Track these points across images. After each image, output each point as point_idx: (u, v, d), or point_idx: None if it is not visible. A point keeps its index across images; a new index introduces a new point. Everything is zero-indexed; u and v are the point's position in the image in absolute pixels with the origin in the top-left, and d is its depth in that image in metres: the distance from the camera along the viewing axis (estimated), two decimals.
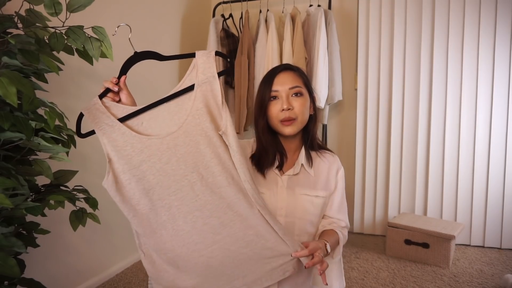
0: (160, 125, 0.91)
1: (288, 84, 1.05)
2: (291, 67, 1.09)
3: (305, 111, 1.06)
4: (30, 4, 1.18)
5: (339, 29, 2.71)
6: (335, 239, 1.05)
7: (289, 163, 1.10)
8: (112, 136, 0.89)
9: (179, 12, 2.73)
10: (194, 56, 0.94)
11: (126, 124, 0.90)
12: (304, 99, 1.06)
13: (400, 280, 2.05)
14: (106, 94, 0.92)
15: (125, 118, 0.90)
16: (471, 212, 2.51)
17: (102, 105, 0.90)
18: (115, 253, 2.18)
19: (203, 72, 0.92)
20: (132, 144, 0.89)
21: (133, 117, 0.91)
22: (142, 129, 0.91)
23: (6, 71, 0.97)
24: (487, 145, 2.45)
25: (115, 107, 0.91)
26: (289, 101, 1.04)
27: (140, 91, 2.18)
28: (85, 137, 0.93)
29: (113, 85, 0.91)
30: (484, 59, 2.41)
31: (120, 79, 0.93)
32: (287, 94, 1.04)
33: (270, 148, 1.07)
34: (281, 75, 1.06)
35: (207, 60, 0.92)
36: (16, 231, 1.22)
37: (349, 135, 2.89)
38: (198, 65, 0.92)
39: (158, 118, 0.91)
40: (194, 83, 0.91)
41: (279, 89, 1.05)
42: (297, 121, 1.05)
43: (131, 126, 0.90)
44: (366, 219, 2.78)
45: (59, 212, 1.36)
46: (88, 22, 1.29)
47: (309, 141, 1.11)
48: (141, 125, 0.91)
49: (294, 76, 1.07)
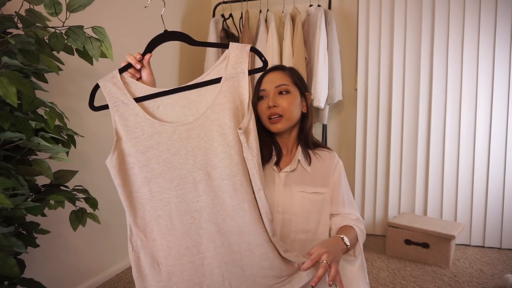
0: (177, 112, 0.86)
1: (275, 82, 1.07)
2: (281, 67, 1.12)
3: (293, 108, 1.07)
4: (30, 4, 1.18)
5: (339, 29, 2.71)
6: (353, 234, 1.00)
7: (286, 160, 1.11)
8: (125, 114, 0.85)
9: (179, 12, 2.73)
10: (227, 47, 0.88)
11: (142, 105, 0.86)
12: (291, 96, 1.07)
13: (400, 280, 2.05)
14: (126, 69, 0.88)
15: (142, 99, 0.86)
16: (471, 212, 2.51)
17: (120, 80, 0.86)
18: (115, 253, 2.18)
19: (234, 66, 0.86)
20: (143, 127, 0.85)
21: (151, 99, 0.86)
22: (157, 113, 0.86)
23: (6, 71, 0.97)
24: (487, 145, 2.45)
25: (133, 85, 0.87)
26: (275, 99, 1.05)
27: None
28: (98, 110, 0.89)
29: (136, 61, 0.87)
30: (484, 59, 2.40)
31: (145, 56, 0.89)
32: (274, 92, 1.06)
33: (265, 145, 1.08)
34: (269, 75, 1.09)
35: (240, 54, 0.87)
36: (16, 231, 1.22)
37: (349, 135, 2.89)
38: (230, 57, 0.87)
39: (176, 104, 0.86)
40: (221, 75, 0.86)
41: (266, 88, 1.07)
42: (284, 118, 1.06)
43: (146, 107, 0.86)
44: (366, 219, 2.77)
45: (59, 212, 1.36)
46: (88, 22, 1.29)
47: (303, 138, 1.12)
48: (157, 108, 0.86)
49: (282, 75, 1.09)
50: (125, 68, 0.88)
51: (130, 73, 0.89)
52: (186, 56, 2.75)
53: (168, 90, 0.86)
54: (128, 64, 0.88)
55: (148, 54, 0.90)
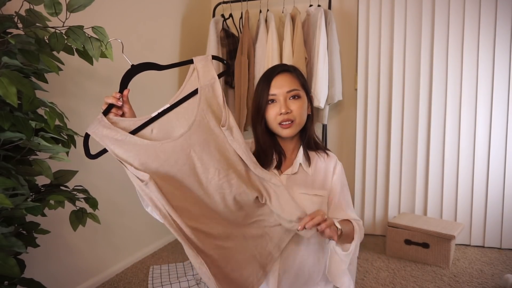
0: (169, 129, 0.94)
1: (285, 87, 1.05)
2: (288, 69, 1.09)
3: (303, 112, 1.07)
4: (30, 4, 1.18)
5: (339, 29, 2.71)
6: (350, 227, 1.02)
7: (287, 162, 1.11)
8: (125, 148, 0.90)
9: (179, 12, 2.73)
10: (192, 62, 0.98)
11: (137, 136, 0.92)
12: (301, 101, 1.06)
13: (400, 280, 2.05)
14: (110, 110, 0.92)
15: (136, 131, 0.92)
16: (471, 212, 2.51)
17: (108, 121, 0.90)
18: (115, 253, 2.18)
19: (204, 75, 0.97)
20: (146, 152, 0.91)
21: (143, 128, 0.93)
22: (153, 137, 0.92)
23: (6, 71, 0.97)
24: (487, 145, 2.45)
25: (121, 122, 0.92)
26: (287, 105, 1.04)
27: (141, 97, 2.19)
28: (96, 157, 0.93)
29: (116, 100, 0.92)
30: (484, 59, 2.40)
31: (123, 93, 0.94)
32: (285, 97, 1.05)
33: (269, 149, 1.08)
34: (278, 78, 1.06)
35: (205, 64, 0.98)
36: (16, 231, 1.22)
37: (349, 135, 2.89)
38: (198, 70, 0.97)
39: (167, 124, 0.94)
40: (196, 87, 0.96)
41: (276, 92, 1.05)
42: (295, 123, 1.05)
43: (142, 136, 0.92)
44: (366, 219, 2.78)
45: (59, 212, 1.35)
46: (88, 22, 1.29)
47: (306, 140, 1.12)
48: (151, 133, 0.93)
49: (291, 78, 1.07)
50: (108, 110, 0.92)
51: (113, 112, 0.93)
52: (186, 55, 2.75)
53: (156, 115, 0.93)
54: (110, 105, 0.92)
55: (126, 90, 0.94)
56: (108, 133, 0.90)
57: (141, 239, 2.37)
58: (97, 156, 0.93)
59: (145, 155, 0.90)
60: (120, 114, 0.94)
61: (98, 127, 0.90)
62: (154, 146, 0.91)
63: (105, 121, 0.90)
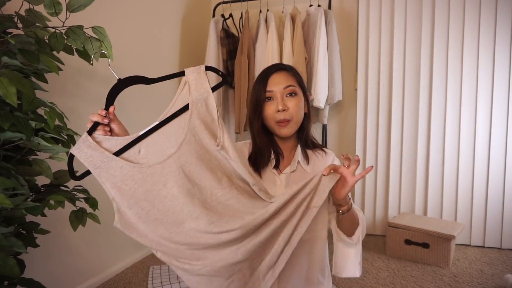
0: (158, 149, 0.87)
1: (282, 84, 1.05)
2: (284, 67, 1.10)
3: (299, 110, 1.07)
4: (30, 4, 1.18)
5: (339, 29, 2.71)
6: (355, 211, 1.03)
7: (285, 161, 1.11)
8: (110, 172, 0.85)
9: (179, 12, 2.73)
10: (184, 74, 0.91)
11: (123, 157, 0.86)
12: (298, 98, 1.07)
13: (400, 280, 2.05)
14: (95, 129, 0.87)
15: (121, 151, 0.86)
16: (471, 212, 2.51)
17: (92, 141, 0.85)
18: (115, 253, 2.18)
19: (196, 88, 0.89)
20: (132, 176, 0.85)
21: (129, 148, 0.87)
22: (140, 157, 0.87)
23: (6, 71, 0.97)
24: (487, 145, 2.45)
25: (107, 141, 0.86)
26: (284, 102, 1.04)
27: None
28: (80, 179, 0.89)
29: (102, 118, 0.86)
30: (484, 59, 2.40)
31: (109, 110, 0.88)
32: (282, 94, 1.05)
33: (266, 148, 1.08)
34: (275, 75, 1.07)
35: (198, 76, 0.90)
36: (16, 231, 1.22)
37: (349, 135, 2.89)
38: (190, 83, 0.90)
39: (155, 143, 0.88)
40: (187, 101, 0.89)
41: (273, 89, 1.05)
42: (292, 121, 1.05)
43: (128, 157, 0.86)
44: (366, 219, 2.77)
45: (59, 212, 1.35)
46: (88, 22, 1.29)
47: (303, 139, 1.12)
48: (138, 154, 0.87)
49: (287, 76, 1.08)
50: (93, 128, 0.86)
51: (100, 130, 0.87)
52: (186, 55, 2.75)
53: (142, 134, 0.87)
54: (95, 123, 0.86)
55: (112, 107, 0.89)
56: (93, 154, 0.84)
57: None
58: (81, 177, 0.88)
59: (131, 179, 0.85)
60: (108, 130, 0.88)
61: (82, 147, 0.85)
62: (141, 169, 0.85)
63: (89, 140, 0.85)
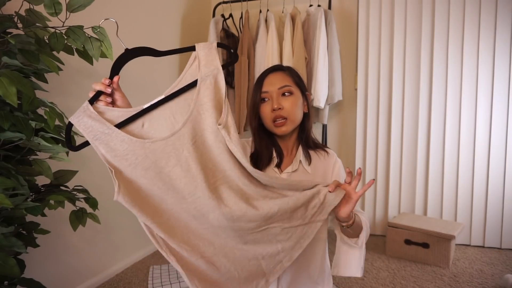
0: (162, 124, 0.84)
1: (277, 84, 1.06)
2: (281, 68, 1.11)
3: (296, 109, 1.07)
4: (30, 4, 1.18)
5: (339, 29, 2.71)
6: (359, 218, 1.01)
7: (287, 161, 1.11)
8: (110, 145, 0.80)
9: (179, 12, 2.73)
10: (194, 49, 0.87)
11: (125, 130, 0.82)
12: (294, 97, 1.07)
13: (400, 280, 2.05)
14: (97, 98, 0.82)
15: (124, 123, 0.82)
16: (471, 212, 2.51)
17: (94, 111, 0.80)
18: (115, 253, 2.18)
19: (206, 65, 0.86)
20: (134, 151, 0.81)
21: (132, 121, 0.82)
22: (143, 132, 0.83)
23: (6, 71, 0.97)
24: (487, 145, 2.45)
25: (109, 112, 0.81)
26: (279, 101, 1.05)
27: (139, 86, 2.19)
28: (78, 149, 0.84)
29: (105, 86, 0.82)
30: (484, 59, 2.40)
31: (113, 79, 0.84)
32: (277, 94, 1.05)
33: (265, 148, 1.09)
34: (270, 76, 1.08)
35: (209, 52, 0.86)
36: (16, 231, 1.22)
37: (349, 135, 2.89)
38: (200, 58, 0.86)
39: (160, 117, 0.84)
40: (195, 77, 0.85)
41: (268, 89, 1.06)
42: (288, 120, 1.05)
43: (131, 130, 0.82)
44: None
45: (59, 212, 1.36)
46: (88, 22, 1.29)
47: (305, 139, 1.12)
48: (141, 127, 0.83)
49: (283, 76, 1.08)
50: (96, 97, 0.82)
51: (102, 100, 0.83)
52: (186, 55, 2.75)
53: (147, 107, 0.83)
54: (98, 92, 0.82)
55: (116, 76, 0.84)
56: (93, 125, 0.79)
57: (141, 239, 2.37)
58: (79, 148, 0.83)
59: (133, 155, 0.81)
60: (109, 102, 0.84)
61: (83, 117, 0.79)
62: (143, 145, 0.81)
63: (90, 110, 0.79)
